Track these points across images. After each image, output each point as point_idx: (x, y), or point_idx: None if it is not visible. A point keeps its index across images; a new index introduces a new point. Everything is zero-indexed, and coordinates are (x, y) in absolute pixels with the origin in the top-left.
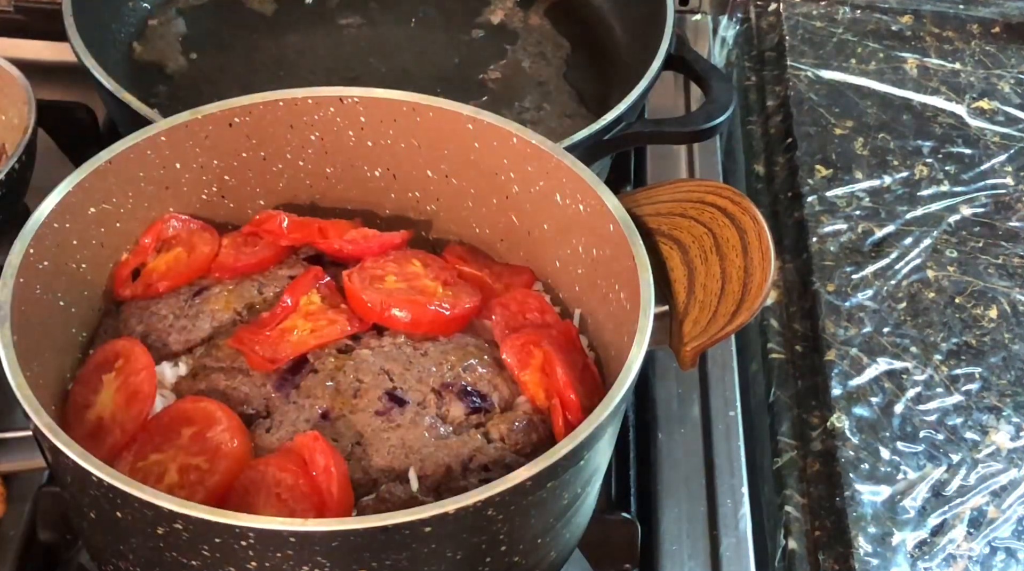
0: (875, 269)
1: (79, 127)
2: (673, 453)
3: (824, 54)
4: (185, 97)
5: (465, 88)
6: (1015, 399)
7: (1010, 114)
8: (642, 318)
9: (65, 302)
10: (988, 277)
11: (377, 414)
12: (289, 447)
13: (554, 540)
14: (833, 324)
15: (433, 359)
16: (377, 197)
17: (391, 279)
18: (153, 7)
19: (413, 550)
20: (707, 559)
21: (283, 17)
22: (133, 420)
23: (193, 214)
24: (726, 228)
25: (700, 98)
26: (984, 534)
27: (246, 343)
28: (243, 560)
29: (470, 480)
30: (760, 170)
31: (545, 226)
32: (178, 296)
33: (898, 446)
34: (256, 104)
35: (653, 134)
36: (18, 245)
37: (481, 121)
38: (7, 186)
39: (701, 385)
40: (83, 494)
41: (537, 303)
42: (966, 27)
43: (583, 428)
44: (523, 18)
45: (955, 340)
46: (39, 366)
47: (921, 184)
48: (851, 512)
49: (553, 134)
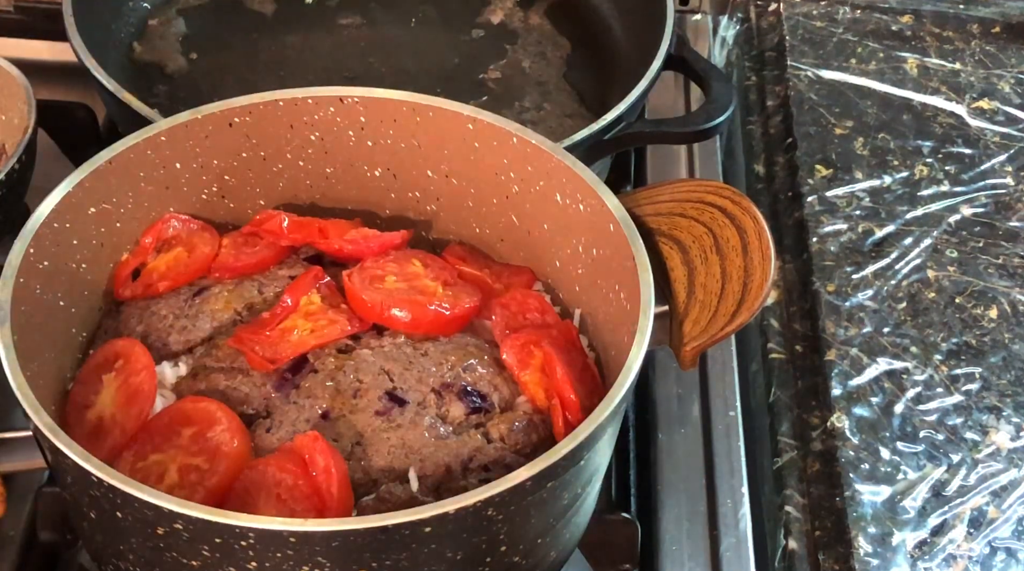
0: (875, 269)
1: (79, 127)
2: (673, 453)
3: (824, 54)
4: (185, 97)
5: (465, 88)
6: (1015, 399)
7: (1010, 114)
8: (642, 318)
9: (65, 302)
10: (988, 277)
11: (377, 414)
12: (289, 447)
13: (554, 540)
14: (833, 324)
15: (433, 359)
16: (377, 197)
17: (391, 279)
18: (153, 7)
19: (413, 550)
20: (707, 559)
21: (283, 17)
22: (133, 420)
23: (193, 214)
24: (726, 228)
25: (700, 98)
26: (984, 534)
27: (246, 343)
28: (243, 560)
29: (470, 480)
30: (760, 170)
31: (545, 226)
32: (178, 296)
33: (898, 446)
34: (256, 104)
35: (653, 134)
36: (18, 245)
37: (481, 121)
38: (7, 186)
39: (701, 385)
40: (83, 494)
41: (537, 303)
42: (966, 27)
43: (583, 428)
44: (523, 18)
45: (955, 340)
46: (39, 366)
47: (921, 184)
48: (851, 512)
49: (553, 134)
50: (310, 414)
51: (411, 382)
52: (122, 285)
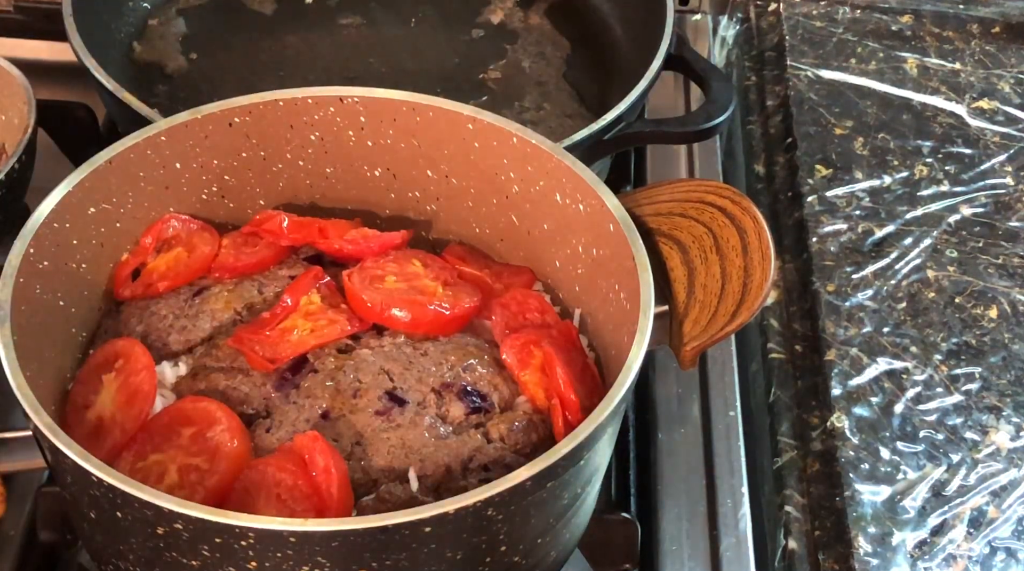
0: (875, 269)
1: (79, 127)
2: (673, 453)
3: (824, 54)
4: (185, 97)
5: (465, 88)
6: (1015, 399)
7: (1010, 114)
8: (642, 318)
9: (65, 302)
10: (988, 277)
11: (377, 414)
12: (289, 447)
13: (554, 540)
14: (833, 324)
15: (433, 359)
16: (377, 197)
17: (391, 279)
18: (153, 7)
19: (413, 550)
20: (707, 559)
21: (283, 17)
22: (133, 420)
23: (193, 214)
24: (726, 228)
25: (700, 98)
26: (984, 534)
27: (246, 343)
28: (243, 560)
29: (470, 480)
30: (760, 170)
31: (545, 226)
32: (178, 296)
33: (898, 446)
34: (256, 104)
35: (653, 134)
36: (18, 245)
37: (481, 121)
38: (7, 186)
39: (701, 385)
40: (83, 494)
41: (537, 303)
42: (966, 27)
43: (583, 428)
44: (523, 18)
45: (955, 340)
46: (39, 366)
47: (921, 184)
48: (851, 512)
49: (553, 134)
50: (310, 414)
51: (411, 382)
52: (122, 285)
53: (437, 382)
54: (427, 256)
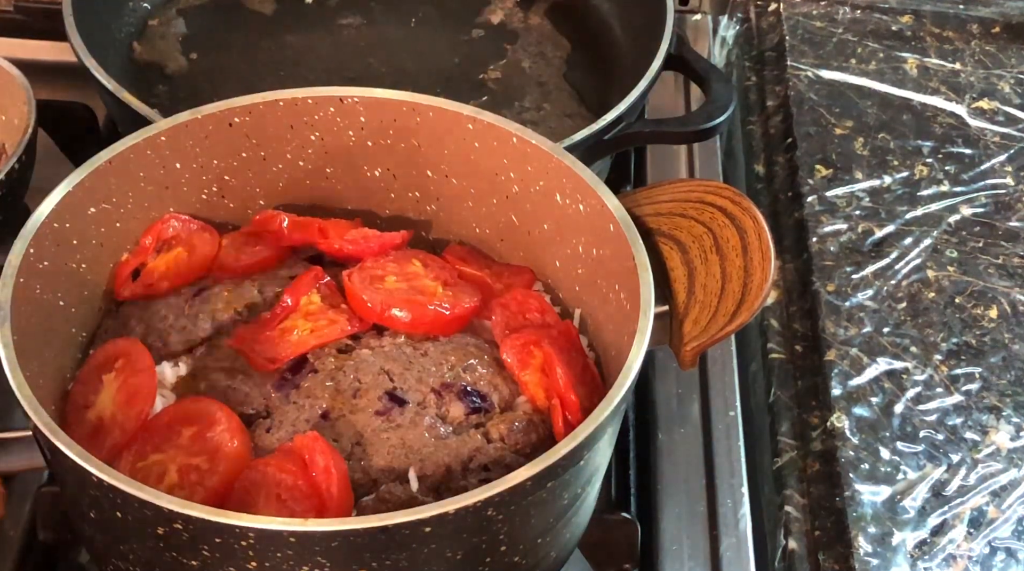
0: (875, 269)
1: (79, 127)
2: (673, 453)
3: (824, 54)
4: (185, 97)
5: (465, 88)
6: (1015, 399)
7: (1010, 114)
8: (642, 318)
9: (65, 302)
10: (988, 277)
11: (377, 414)
12: (289, 447)
13: (554, 540)
14: (833, 324)
15: (433, 359)
16: (377, 197)
17: (391, 279)
18: (153, 7)
19: (413, 550)
20: (707, 559)
21: (283, 17)
22: (133, 420)
23: (193, 214)
24: (726, 228)
25: (700, 98)
26: (984, 534)
27: (246, 343)
28: (243, 560)
29: (470, 480)
30: (760, 170)
31: (545, 226)
32: (178, 296)
33: (898, 446)
34: (256, 104)
35: (653, 134)
36: (18, 245)
37: (481, 121)
38: (7, 186)
39: (701, 385)
40: (83, 494)
41: (537, 303)
42: (966, 27)
43: (583, 428)
44: (523, 18)
45: (955, 340)
46: (39, 366)
47: (921, 184)
48: (851, 512)
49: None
50: (310, 414)
51: (411, 382)
52: (122, 285)
53: (437, 382)
54: (427, 256)
